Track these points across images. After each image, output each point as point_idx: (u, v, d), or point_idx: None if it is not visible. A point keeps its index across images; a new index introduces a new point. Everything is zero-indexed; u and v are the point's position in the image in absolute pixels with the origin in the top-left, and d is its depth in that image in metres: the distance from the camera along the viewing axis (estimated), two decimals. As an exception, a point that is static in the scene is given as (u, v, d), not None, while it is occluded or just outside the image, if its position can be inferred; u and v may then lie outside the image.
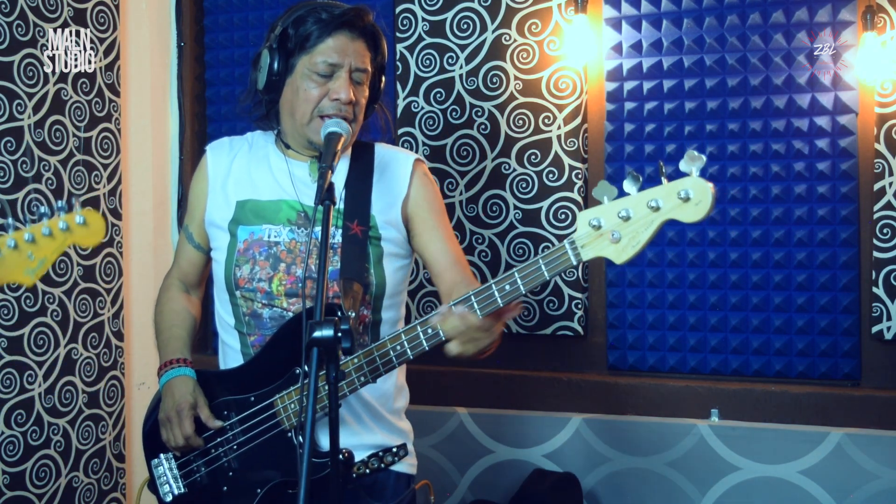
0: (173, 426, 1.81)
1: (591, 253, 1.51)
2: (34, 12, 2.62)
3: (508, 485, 2.71)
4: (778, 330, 2.62)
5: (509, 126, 2.82)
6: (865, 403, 2.52)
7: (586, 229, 1.51)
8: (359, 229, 1.81)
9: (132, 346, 3.05)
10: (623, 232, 1.49)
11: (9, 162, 2.55)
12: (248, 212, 1.86)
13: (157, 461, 1.89)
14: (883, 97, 2.49)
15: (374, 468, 1.84)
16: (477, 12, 2.85)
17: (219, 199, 1.91)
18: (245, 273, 1.83)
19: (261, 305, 1.83)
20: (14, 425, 2.57)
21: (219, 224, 1.89)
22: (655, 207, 1.46)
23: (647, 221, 1.47)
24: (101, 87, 2.87)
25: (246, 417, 1.80)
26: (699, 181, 1.44)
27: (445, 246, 1.89)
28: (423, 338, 1.64)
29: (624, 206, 1.49)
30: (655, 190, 1.47)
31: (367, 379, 1.70)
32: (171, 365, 1.88)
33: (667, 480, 2.61)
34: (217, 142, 1.99)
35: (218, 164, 1.94)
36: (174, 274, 2.04)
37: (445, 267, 1.87)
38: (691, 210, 1.45)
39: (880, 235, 2.52)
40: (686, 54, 2.67)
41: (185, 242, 2.01)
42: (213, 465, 1.83)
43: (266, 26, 3.06)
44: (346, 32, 1.79)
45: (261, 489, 1.78)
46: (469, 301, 1.57)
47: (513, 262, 2.82)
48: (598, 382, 2.76)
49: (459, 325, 1.56)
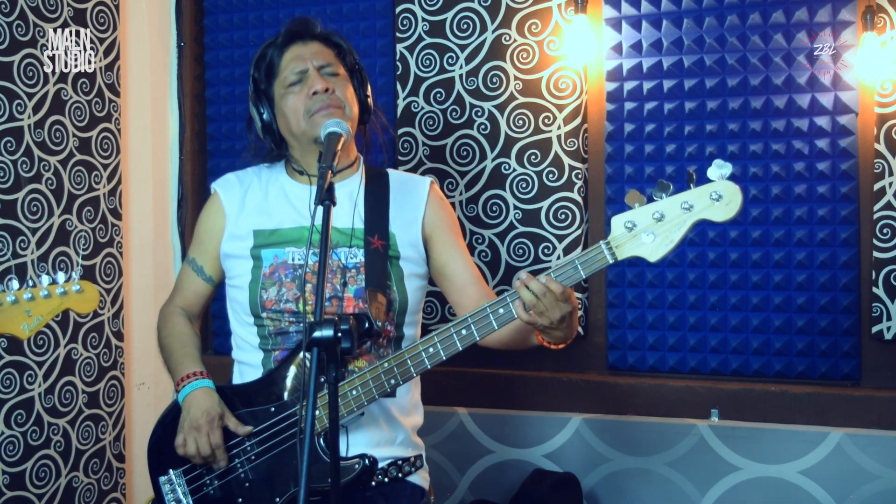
0: (201, 434, 1.79)
1: (626, 252, 1.63)
2: (34, 12, 2.62)
3: (508, 485, 2.72)
4: (778, 330, 2.62)
5: (509, 126, 2.82)
6: (865, 403, 2.52)
7: (621, 230, 1.63)
8: (380, 244, 1.87)
9: (132, 346, 3.05)
10: (657, 231, 1.60)
11: (9, 162, 2.55)
12: (271, 239, 1.90)
13: (164, 478, 1.87)
14: (883, 97, 2.49)
15: (392, 477, 1.88)
16: (477, 12, 2.85)
17: (236, 232, 1.94)
18: (272, 295, 1.87)
19: (288, 323, 1.87)
20: (14, 425, 2.57)
21: (238, 255, 1.93)
22: (688, 207, 1.59)
23: (680, 221, 1.60)
24: (101, 87, 2.87)
25: (265, 428, 1.81)
26: (728, 183, 1.57)
27: (466, 263, 1.98)
28: (456, 339, 1.70)
29: (657, 208, 1.61)
30: (688, 193, 1.60)
31: (397, 382, 1.75)
32: (191, 378, 1.87)
33: (667, 480, 2.61)
34: (223, 179, 2.03)
35: (231, 200, 1.97)
36: (177, 303, 2.05)
37: (468, 282, 1.96)
38: (722, 209, 1.57)
39: (880, 235, 2.52)
40: (686, 54, 2.67)
41: (192, 275, 2.03)
42: (227, 478, 1.83)
43: (266, 26, 3.07)
44: (298, 42, 1.93)
45: (280, 498, 1.78)
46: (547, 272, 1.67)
47: (513, 263, 2.82)
48: (598, 382, 2.76)
49: (539, 287, 1.62)
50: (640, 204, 1.62)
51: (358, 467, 1.77)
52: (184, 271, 2.06)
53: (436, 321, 2.89)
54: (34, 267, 2.62)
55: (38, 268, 2.64)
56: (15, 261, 2.57)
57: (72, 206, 2.76)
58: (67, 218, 2.74)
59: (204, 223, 2.02)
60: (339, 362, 1.42)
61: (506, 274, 2.83)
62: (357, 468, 1.77)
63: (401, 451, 1.91)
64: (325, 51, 1.93)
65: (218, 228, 1.97)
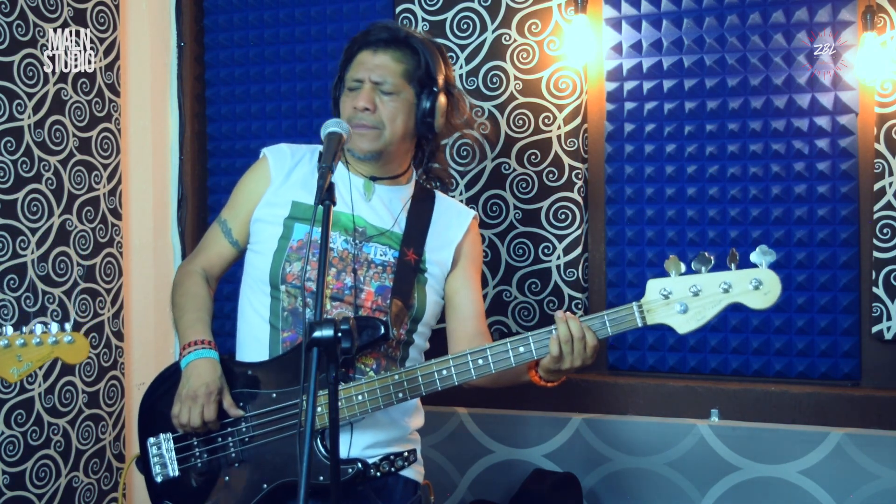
0: (196, 405, 1.80)
1: (657, 318, 1.65)
2: (34, 12, 2.62)
3: (508, 485, 2.72)
4: (778, 330, 2.62)
5: (509, 126, 2.82)
6: (865, 403, 2.52)
7: (655, 296, 1.65)
8: (413, 257, 1.91)
9: (132, 346, 3.05)
10: (691, 305, 1.62)
11: (9, 162, 2.55)
12: (307, 213, 1.91)
13: (153, 440, 1.89)
14: (883, 97, 2.49)
15: (384, 471, 1.89)
16: (477, 12, 2.85)
17: (275, 200, 1.94)
18: (296, 270, 1.87)
19: (303, 304, 1.87)
20: (14, 425, 2.57)
21: (270, 220, 1.93)
22: (727, 289, 1.61)
23: (715, 300, 1.61)
24: (101, 87, 2.87)
25: (264, 413, 1.82)
26: (770, 273, 1.60)
27: (475, 297, 2.02)
28: (472, 366, 1.75)
29: (696, 282, 1.62)
30: (729, 274, 1.61)
31: (404, 396, 1.78)
32: (198, 345, 1.87)
33: (667, 480, 2.61)
34: (276, 146, 2.03)
35: (280, 168, 1.98)
36: (199, 262, 2.04)
37: (470, 315, 2.00)
38: (760, 298, 1.60)
39: (880, 235, 2.52)
40: (686, 54, 2.67)
41: (220, 236, 2.02)
42: (217, 454, 1.84)
43: (266, 26, 3.07)
44: (369, 49, 1.93)
45: (267, 485, 1.79)
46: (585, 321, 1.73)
47: (513, 263, 2.82)
48: (598, 382, 2.76)
49: (578, 330, 1.69)
50: (678, 272, 1.63)
51: (351, 471, 1.80)
52: (212, 230, 2.05)
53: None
54: (34, 267, 2.62)
55: (38, 268, 2.64)
56: (15, 261, 2.57)
57: (72, 206, 2.76)
58: (67, 218, 2.74)
59: (245, 184, 2.01)
60: (339, 362, 1.42)
61: (506, 274, 2.83)
62: (350, 472, 1.79)
63: (395, 446, 1.92)
64: (391, 65, 1.91)
65: (258, 192, 1.97)
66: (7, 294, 2.55)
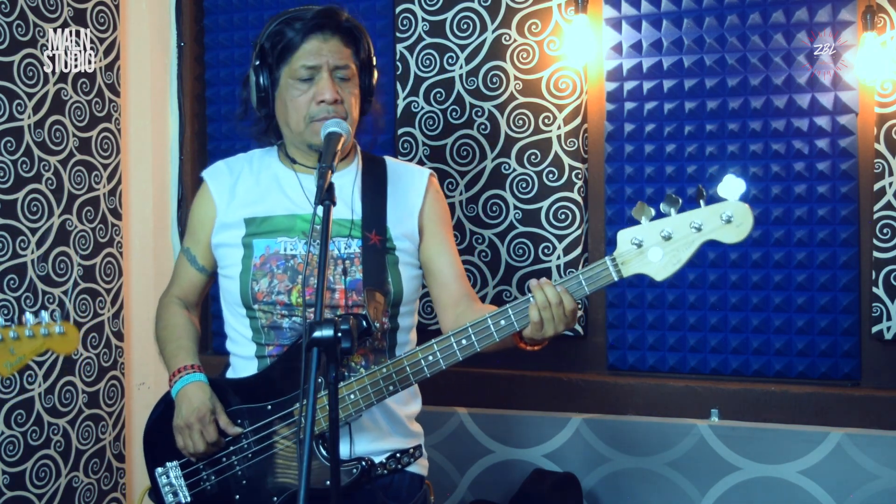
0: (193, 432, 1.78)
1: (632, 269, 1.59)
2: (34, 12, 2.62)
3: (508, 485, 2.72)
4: (778, 330, 2.62)
5: (509, 126, 2.82)
6: (865, 403, 2.52)
7: (627, 247, 1.59)
8: (377, 239, 1.84)
9: (132, 346, 3.05)
10: (665, 250, 1.57)
11: (9, 162, 2.55)
12: (262, 227, 1.87)
13: (161, 469, 1.87)
14: (883, 97, 2.49)
15: (391, 469, 1.88)
16: (477, 12, 2.85)
17: (227, 221, 1.91)
18: (263, 287, 1.83)
19: (280, 316, 1.84)
20: (14, 425, 2.57)
21: (230, 243, 1.89)
22: (698, 228, 1.55)
23: (688, 241, 1.56)
24: (101, 87, 2.87)
25: (262, 426, 1.80)
26: (740, 205, 1.54)
27: (452, 259, 1.95)
28: (456, 348, 1.69)
29: (665, 226, 1.57)
30: (698, 212, 1.56)
31: (395, 388, 1.74)
32: (184, 371, 1.86)
33: (667, 480, 2.61)
34: (212, 167, 1.99)
35: (221, 189, 1.94)
36: (174, 292, 2.03)
37: (451, 279, 1.94)
38: (732, 231, 1.54)
39: (880, 235, 2.52)
40: (686, 54, 2.67)
41: (186, 264, 2.01)
42: (224, 474, 1.82)
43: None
44: (319, 34, 1.83)
45: (277, 498, 1.78)
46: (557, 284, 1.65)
47: (513, 263, 2.82)
48: (598, 382, 2.76)
49: (554, 295, 1.62)
50: (648, 218, 1.57)
51: (356, 471, 1.77)
52: (179, 260, 2.03)
53: (435, 321, 2.89)
54: (34, 267, 2.62)
55: (38, 268, 2.64)
56: (15, 261, 2.57)
57: (72, 206, 2.76)
58: (67, 218, 2.74)
59: (195, 213, 1.98)
60: (339, 362, 1.42)
61: (506, 274, 2.83)
62: (355, 472, 1.77)
63: (399, 442, 1.90)
64: (343, 49, 1.85)
65: (209, 218, 1.94)
66: (7, 294, 2.55)
